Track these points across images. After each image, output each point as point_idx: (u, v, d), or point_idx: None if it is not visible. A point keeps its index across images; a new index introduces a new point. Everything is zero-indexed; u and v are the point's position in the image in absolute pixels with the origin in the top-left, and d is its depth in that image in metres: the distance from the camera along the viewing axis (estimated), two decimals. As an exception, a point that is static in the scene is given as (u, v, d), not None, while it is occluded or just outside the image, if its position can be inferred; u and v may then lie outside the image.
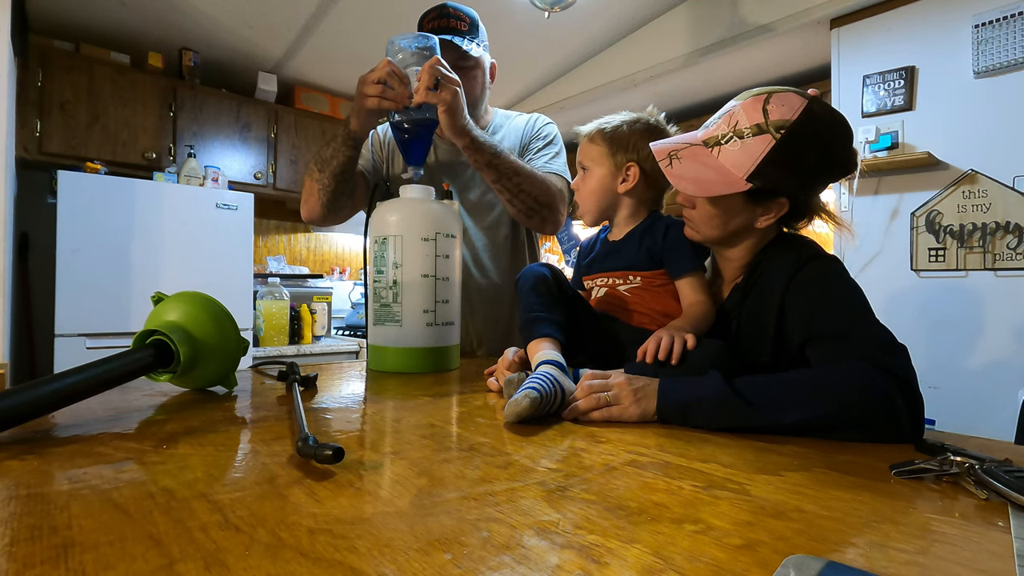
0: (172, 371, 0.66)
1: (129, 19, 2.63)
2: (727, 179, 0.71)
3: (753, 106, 0.71)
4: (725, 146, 0.72)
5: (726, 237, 0.79)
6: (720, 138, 0.73)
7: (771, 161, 0.69)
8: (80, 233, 2.30)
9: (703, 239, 0.81)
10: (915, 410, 0.58)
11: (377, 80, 1.00)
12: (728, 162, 0.71)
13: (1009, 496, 0.40)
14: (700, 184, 0.73)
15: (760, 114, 0.70)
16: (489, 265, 1.32)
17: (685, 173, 0.74)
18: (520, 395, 0.61)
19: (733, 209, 0.75)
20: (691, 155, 0.75)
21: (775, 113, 0.69)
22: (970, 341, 1.95)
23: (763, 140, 0.69)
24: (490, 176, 1.13)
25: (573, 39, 2.94)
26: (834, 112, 0.71)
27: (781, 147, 0.68)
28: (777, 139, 0.68)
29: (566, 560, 0.30)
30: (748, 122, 0.70)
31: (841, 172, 0.74)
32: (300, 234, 3.74)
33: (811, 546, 0.33)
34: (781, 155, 0.68)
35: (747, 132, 0.70)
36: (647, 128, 0.91)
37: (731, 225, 0.77)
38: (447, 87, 1.00)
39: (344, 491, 0.40)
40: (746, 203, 0.74)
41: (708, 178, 0.72)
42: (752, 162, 0.69)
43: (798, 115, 0.68)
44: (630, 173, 0.90)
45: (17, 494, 0.38)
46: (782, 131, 0.68)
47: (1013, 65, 1.87)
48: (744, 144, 0.70)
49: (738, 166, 0.70)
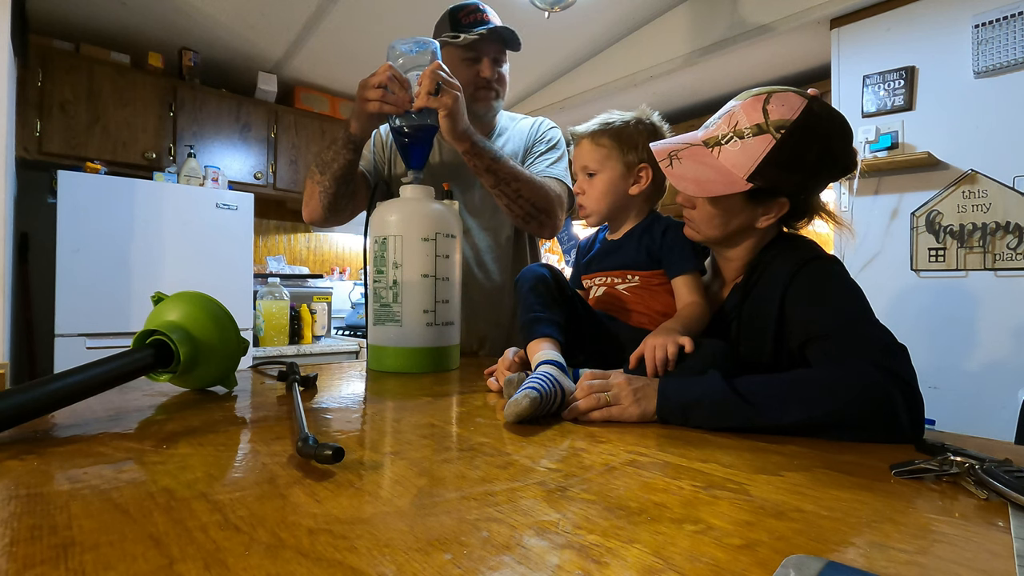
0: (172, 371, 0.66)
1: (129, 19, 2.63)
2: (727, 179, 0.71)
3: (753, 106, 0.71)
4: (725, 146, 0.72)
5: (727, 237, 0.78)
6: (720, 138, 0.73)
7: (771, 161, 0.69)
8: (80, 233, 2.30)
9: (703, 239, 0.81)
10: (915, 410, 0.58)
11: (378, 84, 1.00)
12: (728, 162, 0.71)
13: (1009, 496, 0.40)
14: (701, 184, 0.73)
15: (760, 114, 0.70)
16: (491, 266, 1.32)
17: (686, 173, 0.74)
18: (520, 395, 0.61)
19: (733, 209, 0.75)
20: (691, 155, 0.75)
21: (775, 113, 0.69)
22: (970, 341, 1.95)
23: (763, 140, 0.69)
24: (489, 181, 1.14)
25: (573, 39, 2.94)
26: (833, 111, 0.71)
27: (781, 147, 0.68)
28: (777, 139, 0.68)
29: (566, 560, 0.30)
30: (748, 122, 0.70)
31: (841, 172, 0.74)
32: (300, 234, 3.74)
33: (811, 546, 0.33)
34: (781, 155, 0.68)
35: (747, 132, 0.70)
36: (653, 129, 0.91)
37: (732, 225, 0.76)
38: (448, 92, 1.00)
39: (344, 491, 0.40)
40: (746, 203, 0.74)
41: (708, 178, 0.72)
42: (752, 162, 0.69)
43: (798, 115, 0.68)
44: (643, 175, 0.90)
45: (17, 494, 0.38)
46: (782, 131, 0.68)
47: (1013, 65, 1.87)
48: (744, 144, 0.70)
49: (738, 166, 0.70)
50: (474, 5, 1.25)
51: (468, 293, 1.24)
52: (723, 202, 0.75)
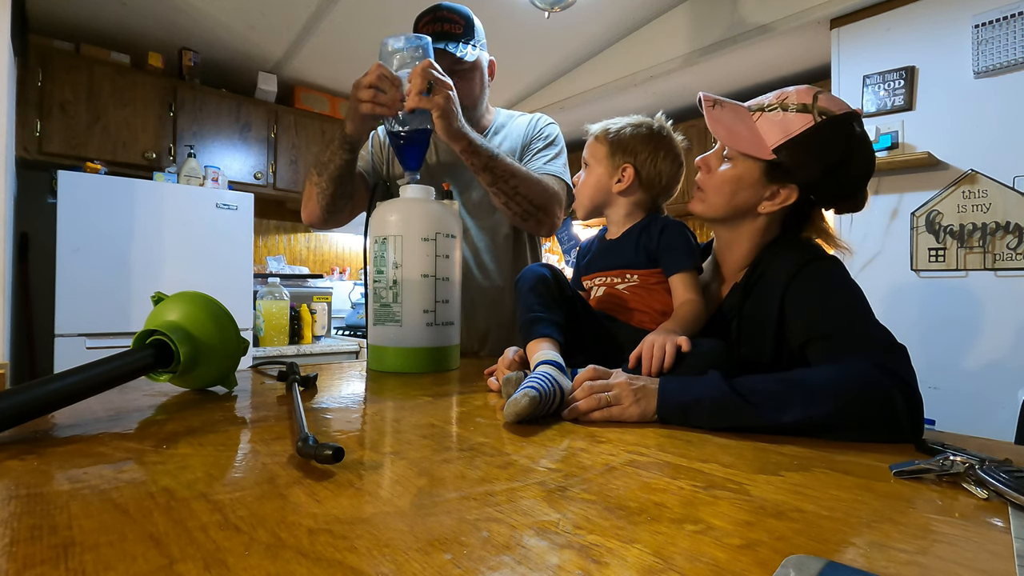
0: (172, 371, 0.66)
1: (129, 19, 2.63)
2: (757, 141, 0.75)
3: (807, 91, 0.75)
4: (767, 113, 0.76)
5: (730, 212, 0.80)
6: (766, 106, 0.77)
7: (802, 140, 0.72)
8: (80, 233, 2.30)
9: (706, 208, 0.82)
10: (915, 410, 0.58)
11: (368, 84, 0.99)
12: (763, 127, 0.76)
13: (1009, 496, 0.40)
14: (732, 134, 0.77)
15: (810, 98, 0.74)
16: (491, 266, 1.31)
17: (722, 118, 0.78)
18: (519, 394, 0.61)
19: (746, 180, 0.77)
20: (733, 109, 0.79)
21: (824, 102, 0.74)
22: (970, 341, 1.95)
23: (804, 118, 0.73)
24: (486, 179, 1.13)
25: (573, 39, 2.94)
26: (869, 140, 0.76)
27: (816, 130, 0.72)
28: (816, 122, 0.72)
29: (566, 560, 0.30)
30: (797, 100, 0.75)
31: (850, 200, 0.77)
32: (300, 234, 3.74)
33: (811, 546, 0.33)
34: (813, 138, 0.72)
35: (792, 107, 0.74)
36: (650, 133, 0.92)
37: (739, 197, 0.78)
38: (439, 91, 0.99)
39: (344, 491, 0.40)
40: (760, 177, 0.77)
41: (740, 132, 0.76)
42: (785, 135, 0.73)
43: (843, 113, 0.73)
44: (625, 174, 0.92)
45: (17, 494, 0.38)
46: (824, 116, 0.72)
47: (1013, 65, 1.87)
48: (785, 117, 0.74)
49: (770, 134, 0.75)
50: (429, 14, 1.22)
51: (468, 293, 1.24)
52: (739, 168, 0.77)
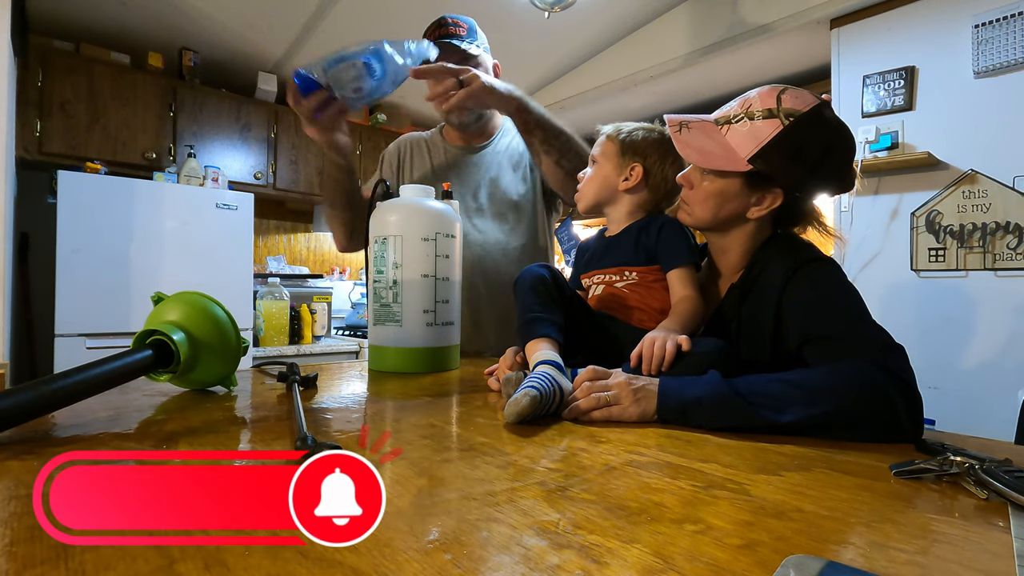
0: (172, 371, 0.66)
1: (129, 19, 2.63)
2: (730, 156, 0.74)
3: (769, 94, 0.74)
4: (735, 125, 0.75)
5: (718, 223, 0.80)
6: (732, 118, 0.76)
7: (775, 146, 0.71)
8: (80, 233, 2.30)
9: (695, 222, 0.82)
10: (914, 410, 0.58)
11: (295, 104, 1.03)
12: (734, 140, 0.74)
13: (1009, 496, 0.40)
14: (704, 155, 0.76)
15: (774, 101, 0.73)
16: (500, 268, 1.31)
17: (691, 142, 0.77)
18: (519, 394, 0.61)
19: (728, 192, 0.77)
20: (701, 128, 0.78)
21: (788, 102, 0.72)
22: (970, 341, 1.95)
23: (771, 124, 0.72)
24: (539, 136, 1.15)
25: (573, 39, 2.94)
26: (843, 123, 0.74)
27: (787, 133, 0.71)
28: (785, 125, 0.71)
29: (566, 560, 0.30)
30: (761, 106, 0.73)
31: (837, 184, 0.76)
32: (300, 234, 3.74)
33: (811, 546, 0.33)
34: (786, 141, 0.71)
35: (758, 115, 0.73)
36: (661, 138, 0.93)
37: (725, 210, 0.78)
38: (466, 77, 1.04)
39: (344, 491, 0.40)
40: (742, 188, 0.76)
41: (712, 151, 0.75)
42: (757, 144, 0.72)
43: (809, 108, 0.71)
44: (633, 172, 0.92)
45: (17, 494, 0.38)
46: (791, 118, 0.71)
47: (1013, 65, 1.87)
48: (753, 126, 0.73)
49: (742, 146, 0.73)
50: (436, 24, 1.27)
51: (475, 295, 1.24)
52: (720, 183, 0.77)
